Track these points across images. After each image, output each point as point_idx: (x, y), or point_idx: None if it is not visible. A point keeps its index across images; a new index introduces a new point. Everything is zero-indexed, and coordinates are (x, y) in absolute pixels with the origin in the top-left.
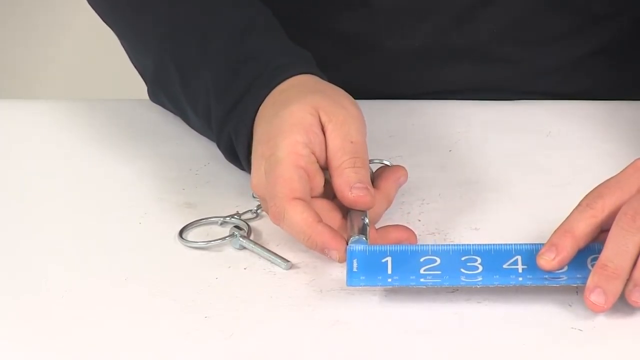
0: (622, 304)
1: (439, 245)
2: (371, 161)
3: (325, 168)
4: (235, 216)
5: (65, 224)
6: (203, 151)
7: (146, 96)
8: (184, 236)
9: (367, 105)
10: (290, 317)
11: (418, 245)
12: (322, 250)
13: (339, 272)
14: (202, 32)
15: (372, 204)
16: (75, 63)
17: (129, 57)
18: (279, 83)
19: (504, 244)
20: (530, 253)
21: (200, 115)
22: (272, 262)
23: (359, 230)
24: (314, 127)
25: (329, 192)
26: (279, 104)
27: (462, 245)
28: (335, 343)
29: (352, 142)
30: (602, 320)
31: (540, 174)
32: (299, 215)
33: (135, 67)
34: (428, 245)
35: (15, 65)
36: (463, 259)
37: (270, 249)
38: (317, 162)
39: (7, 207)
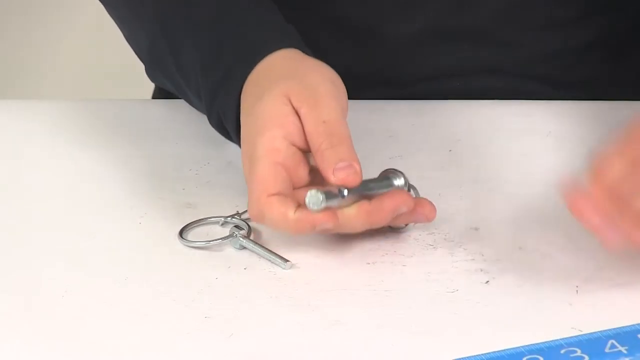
0: (622, 305)
1: (533, 345)
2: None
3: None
4: (236, 216)
5: (65, 224)
6: (203, 151)
7: (147, 96)
8: (184, 236)
9: (367, 105)
10: (290, 317)
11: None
12: (314, 231)
13: (339, 272)
14: (189, 8)
15: (358, 179)
16: (76, 63)
17: (127, 39)
18: (259, 60)
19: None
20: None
21: (193, 92)
22: (272, 262)
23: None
24: (289, 116)
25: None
26: (254, 97)
27: (556, 341)
28: (335, 343)
29: (324, 121)
30: (602, 320)
31: (540, 174)
32: (275, 211)
33: (133, 48)
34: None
35: (16, 65)
36: (562, 352)
37: (270, 248)
38: (301, 149)
39: (7, 207)
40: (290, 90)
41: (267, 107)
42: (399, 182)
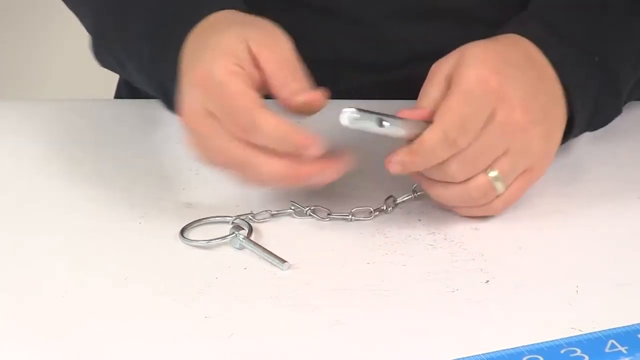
0: (622, 305)
1: (533, 345)
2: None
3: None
4: (238, 217)
5: (65, 224)
6: None
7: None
8: (184, 235)
9: (366, 105)
10: (290, 317)
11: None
12: (297, 150)
13: (339, 272)
14: None
15: (324, 101)
16: (76, 63)
17: (83, 24)
18: (202, 18)
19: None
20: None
21: (135, 63)
22: (272, 263)
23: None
24: (243, 53)
25: None
26: (207, 35)
27: (556, 341)
28: (335, 343)
29: (287, 60)
30: (602, 320)
31: None
32: (272, 119)
33: (88, 31)
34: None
35: (16, 65)
36: (562, 351)
37: (270, 249)
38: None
39: (7, 207)
40: (248, 34)
41: (223, 41)
42: None
